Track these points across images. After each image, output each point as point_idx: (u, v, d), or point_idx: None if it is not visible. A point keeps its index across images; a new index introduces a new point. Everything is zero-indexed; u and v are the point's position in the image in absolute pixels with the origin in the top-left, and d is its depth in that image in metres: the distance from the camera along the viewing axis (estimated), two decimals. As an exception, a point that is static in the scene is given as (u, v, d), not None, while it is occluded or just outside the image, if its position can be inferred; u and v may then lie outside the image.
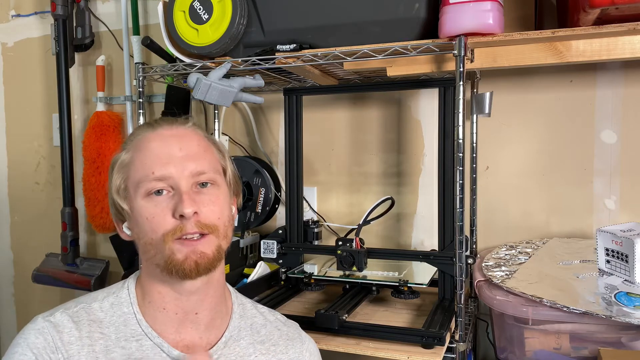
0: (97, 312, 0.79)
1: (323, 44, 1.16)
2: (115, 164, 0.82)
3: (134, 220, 0.79)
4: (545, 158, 1.42)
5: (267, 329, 0.89)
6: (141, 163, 0.78)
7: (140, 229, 0.78)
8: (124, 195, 0.80)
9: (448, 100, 1.18)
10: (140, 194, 0.77)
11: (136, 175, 0.78)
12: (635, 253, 1.04)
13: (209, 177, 0.79)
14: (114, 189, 0.81)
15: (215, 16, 1.18)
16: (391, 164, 1.58)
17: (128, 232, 0.83)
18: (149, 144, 0.80)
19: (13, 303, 2.17)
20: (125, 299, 0.81)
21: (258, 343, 0.86)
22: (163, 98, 1.73)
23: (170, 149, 0.79)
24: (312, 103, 1.64)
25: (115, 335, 0.77)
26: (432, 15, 1.08)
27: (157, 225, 0.76)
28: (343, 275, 1.26)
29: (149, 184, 0.76)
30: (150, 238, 0.76)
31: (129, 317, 0.80)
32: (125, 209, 0.80)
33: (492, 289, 1.12)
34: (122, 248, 1.72)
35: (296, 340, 0.90)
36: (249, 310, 0.91)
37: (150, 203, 0.77)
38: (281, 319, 0.93)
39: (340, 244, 1.25)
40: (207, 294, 0.82)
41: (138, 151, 0.80)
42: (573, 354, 1.05)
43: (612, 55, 1.07)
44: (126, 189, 0.80)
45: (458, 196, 1.04)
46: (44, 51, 2.04)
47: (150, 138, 0.80)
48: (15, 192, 2.15)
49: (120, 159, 0.82)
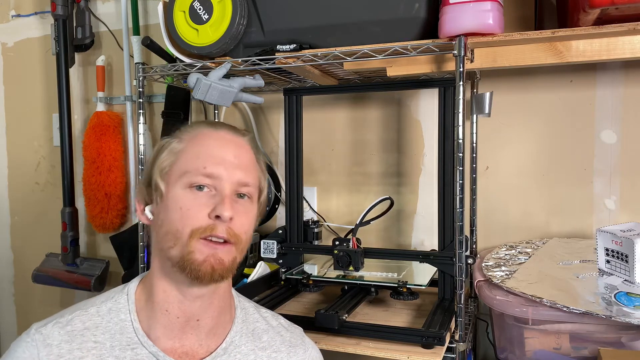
0: (94, 317, 0.78)
1: (323, 44, 1.16)
2: (166, 147, 0.82)
3: (165, 206, 0.78)
4: (545, 158, 1.42)
5: (269, 334, 0.88)
6: (195, 154, 0.79)
7: (168, 216, 0.77)
8: (164, 179, 0.80)
9: (448, 100, 1.18)
10: (183, 183, 0.78)
11: (186, 164, 0.79)
12: (635, 253, 1.04)
13: (249, 190, 0.81)
14: (158, 169, 0.80)
15: (215, 16, 1.18)
16: (391, 164, 1.58)
17: (150, 216, 0.82)
18: (207, 140, 0.81)
19: (13, 303, 2.17)
20: (123, 304, 0.80)
21: (259, 350, 0.85)
22: (163, 98, 1.73)
23: (226, 152, 0.80)
24: (312, 103, 1.64)
25: (110, 343, 0.77)
26: (432, 15, 1.08)
27: (190, 219, 0.76)
28: (341, 276, 1.26)
29: (197, 177, 0.77)
30: (176, 228, 0.76)
31: (126, 324, 0.78)
32: (161, 190, 0.79)
33: (492, 289, 1.12)
34: (122, 248, 1.72)
35: (299, 347, 0.90)
36: (252, 315, 0.90)
37: (190, 195, 0.77)
38: (284, 324, 0.92)
39: (337, 243, 1.24)
40: (211, 302, 0.81)
41: (194, 143, 0.81)
42: (573, 354, 1.05)
43: (612, 55, 1.07)
44: (168, 174, 0.80)
45: (458, 196, 1.04)
46: (44, 51, 2.04)
47: (211, 135, 0.82)
48: (15, 192, 2.15)
49: (172, 144, 0.82)
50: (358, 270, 1.23)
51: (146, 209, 0.83)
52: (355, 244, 1.23)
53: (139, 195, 0.85)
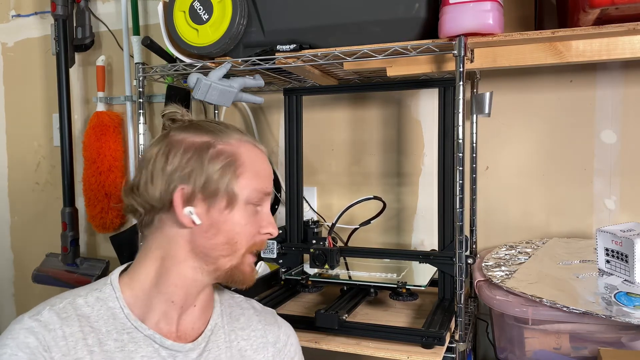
0: (83, 307, 0.78)
1: (323, 44, 1.16)
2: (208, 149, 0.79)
3: (227, 219, 0.80)
4: (545, 158, 1.42)
5: (245, 316, 0.92)
6: (256, 174, 0.83)
7: (230, 228, 0.80)
8: (231, 193, 0.79)
9: (448, 100, 1.18)
10: (247, 198, 0.81)
11: (250, 182, 0.81)
12: (635, 253, 1.04)
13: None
14: (212, 171, 0.78)
15: (215, 16, 1.18)
16: (391, 164, 1.58)
17: (198, 221, 0.78)
18: (257, 157, 0.84)
19: (13, 303, 2.17)
20: (109, 294, 0.80)
21: (239, 329, 0.89)
22: (163, 98, 1.73)
23: (270, 169, 0.87)
24: (312, 103, 1.64)
25: (105, 328, 0.77)
26: (432, 15, 1.08)
27: (249, 235, 0.82)
28: (338, 277, 1.26)
29: (259, 195, 0.82)
30: (235, 241, 0.81)
31: (116, 311, 0.79)
32: (231, 202, 0.79)
33: (492, 289, 1.12)
34: (122, 248, 1.72)
35: (273, 325, 0.94)
36: (227, 300, 0.93)
37: (250, 211, 0.82)
38: (257, 307, 0.96)
39: (313, 242, 1.28)
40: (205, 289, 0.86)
41: (249, 159, 0.82)
42: (573, 354, 1.05)
43: (612, 55, 1.07)
44: (234, 188, 0.79)
45: (458, 196, 1.04)
46: (44, 51, 2.04)
47: (256, 152, 0.85)
48: (15, 192, 2.15)
49: (218, 147, 0.80)
50: (333, 269, 1.25)
51: (192, 211, 0.78)
52: (331, 242, 1.25)
53: (185, 194, 0.78)
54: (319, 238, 1.27)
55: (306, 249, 1.36)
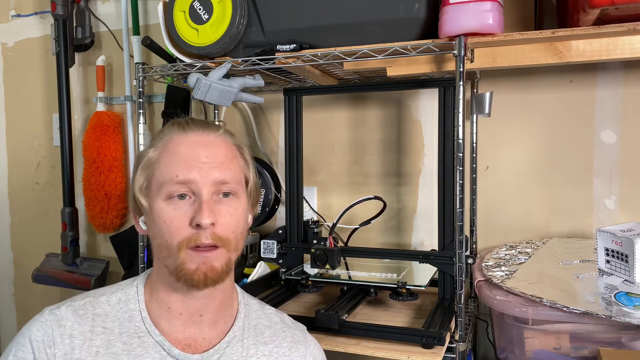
0: (103, 305, 0.81)
1: (323, 44, 1.16)
2: (141, 160, 0.83)
3: (152, 220, 0.80)
4: (545, 158, 1.42)
5: (271, 330, 0.89)
6: (167, 165, 0.79)
7: (156, 229, 0.79)
8: (146, 193, 0.81)
9: (448, 100, 1.18)
10: (161, 195, 0.78)
11: (160, 176, 0.79)
12: (635, 253, 1.04)
13: (231, 187, 0.80)
14: (137, 186, 0.81)
15: (215, 16, 1.18)
16: (391, 164, 1.58)
17: (144, 227, 0.83)
18: (177, 147, 0.80)
19: (13, 303, 2.17)
20: (132, 296, 0.83)
21: (261, 344, 0.86)
22: (163, 98, 1.73)
23: (197, 155, 0.79)
24: (312, 103, 1.64)
25: (118, 329, 0.79)
26: (432, 15, 1.08)
27: (174, 231, 0.76)
28: (338, 277, 1.26)
29: (172, 186, 0.77)
30: (165, 241, 0.77)
31: (135, 313, 0.81)
32: (144, 206, 0.81)
33: (492, 289, 1.12)
34: (122, 248, 1.72)
35: (300, 343, 0.90)
36: (255, 312, 0.91)
37: (170, 206, 0.77)
38: (287, 321, 0.93)
39: (314, 242, 1.27)
40: (213, 298, 0.83)
41: (165, 152, 0.81)
42: (573, 354, 1.05)
43: (612, 55, 1.07)
44: (148, 187, 0.80)
45: (458, 196, 1.04)
46: (44, 51, 2.04)
47: (180, 142, 0.80)
48: (15, 192, 2.15)
49: (148, 155, 0.82)
50: (334, 269, 1.25)
51: (140, 220, 0.84)
52: (332, 243, 1.25)
53: (131, 207, 0.86)
54: (319, 238, 1.27)
55: (306, 249, 1.36)
